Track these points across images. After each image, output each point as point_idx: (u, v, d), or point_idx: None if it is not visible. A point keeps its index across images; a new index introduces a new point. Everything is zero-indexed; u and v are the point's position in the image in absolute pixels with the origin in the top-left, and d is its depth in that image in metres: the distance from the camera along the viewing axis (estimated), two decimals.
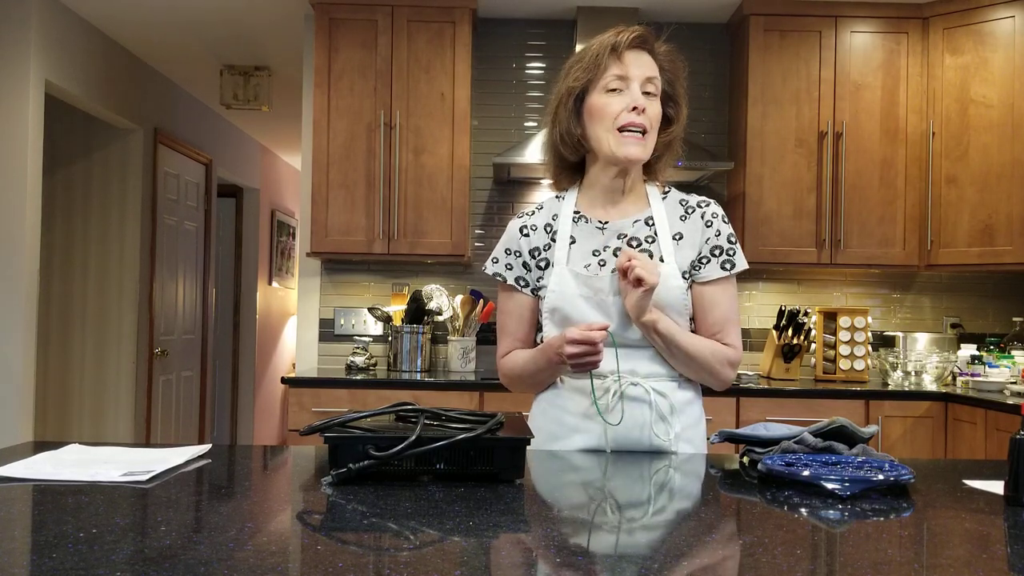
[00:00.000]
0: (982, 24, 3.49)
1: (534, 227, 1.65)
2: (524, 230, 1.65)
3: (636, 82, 1.53)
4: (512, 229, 1.67)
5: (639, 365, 1.56)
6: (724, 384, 1.61)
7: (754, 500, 1.16)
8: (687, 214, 1.61)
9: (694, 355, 1.54)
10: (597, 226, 1.61)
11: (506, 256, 1.66)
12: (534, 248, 1.64)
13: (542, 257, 1.63)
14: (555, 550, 0.89)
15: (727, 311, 1.58)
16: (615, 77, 1.53)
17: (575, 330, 1.45)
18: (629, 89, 1.53)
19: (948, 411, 3.25)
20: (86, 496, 1.06)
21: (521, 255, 1.65)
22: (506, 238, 1.68)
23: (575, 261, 1.59)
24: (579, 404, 1.57)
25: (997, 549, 0.92)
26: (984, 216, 3.46)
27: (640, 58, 1.54)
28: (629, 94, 1.52)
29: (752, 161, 3.60)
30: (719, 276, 1.57)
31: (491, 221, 3.96)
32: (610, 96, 1.54)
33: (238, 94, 4.76)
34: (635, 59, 1.53)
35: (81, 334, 4.53)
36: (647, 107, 1.52)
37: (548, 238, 1.63)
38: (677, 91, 1.61)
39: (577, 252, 1.60)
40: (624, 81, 1.53)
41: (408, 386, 3.29)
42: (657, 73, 1.55)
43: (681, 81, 1.61)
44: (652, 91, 1.54)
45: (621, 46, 1.52)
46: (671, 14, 3.85)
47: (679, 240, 1.59)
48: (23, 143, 3.55)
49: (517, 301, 1.66)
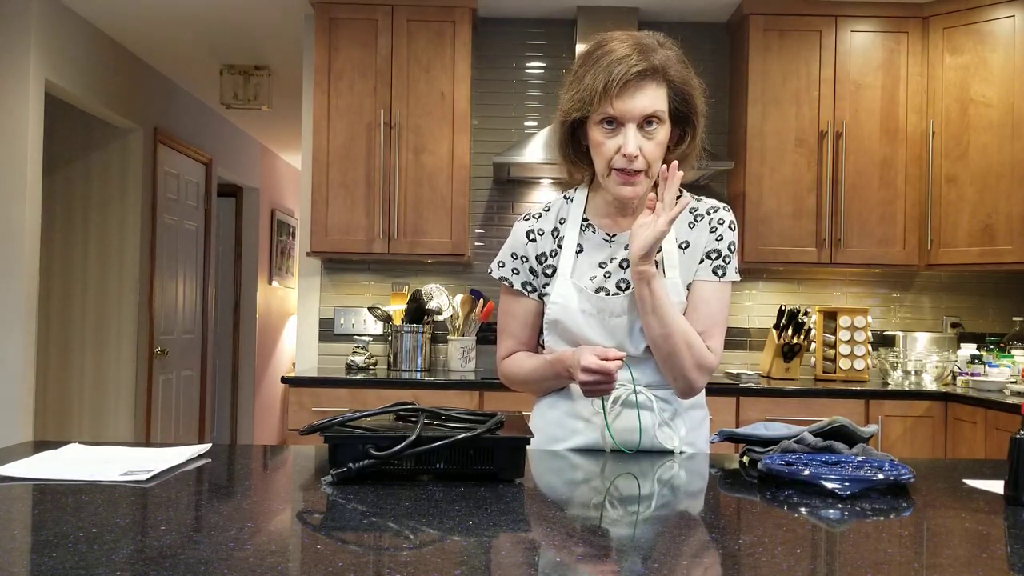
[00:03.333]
0: (982, 24, 3.49)
1: (540, 231, 1.60)
2: (531, 235, 1.61)
3: (631, 123, 1.42)
4: (518, 233, 1.62)
5: (643, 375, 1.55)
6: (691, 389, 1.52)
7: (754, 500, 1.16)
8: (695, 221, 1.56)
9: (669, 332, 1.45)
10: (605, 238, 1.57)
11: (512, 260, 1.63)
12: (540, 254, 1.60)
13: (548, 264, 1.60)
14: (555, 550, 0.89)
15: (714, 313, 1.53)
16: (606, 117, 1.43)
17: (592, 358, 1.40)
18: (624, 131, 1.43)
19: (948, 411, 3.25)
20: (86, 496, 1.06)
21: (528, 260, 1.61)
22: (512, 242, 1.64)
23: (580, 272, 1.56)
24: (582, 408, 1.57)
25: (997, 549, 0.92)
26: (984, 216, 3.46)
27: (640, 96, 1.41)
28: (622, 136, 1.43)
29: (752, 161, 3.60)
30: (707, 279, 1.53)
31: (491, 221, 3.96)
32: (604, 135, 1.45)
33: (238, 94, 4.75)
34: (630, 101, 1.41)
35: (81, 334, 4.53)
36: (643, 146, 1.43)
37: (555, 243, 1.60)
38: (691, 108, 1.49)
39: (584, 263, 1.57)
40: (616, 123, 1.43)
41: (408, 386, 3.29)
42: (661, 103, 1.43)
43: (697, 97, 1.49)
44: (655, 121, 1.43)
45: (612, 88, 1.39)
46: (671, 14, 3.85)
47: (685, 249, 1.55)
48: (23, 143, 3.55)
49: (523, 305, 1.64)
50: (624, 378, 1.52)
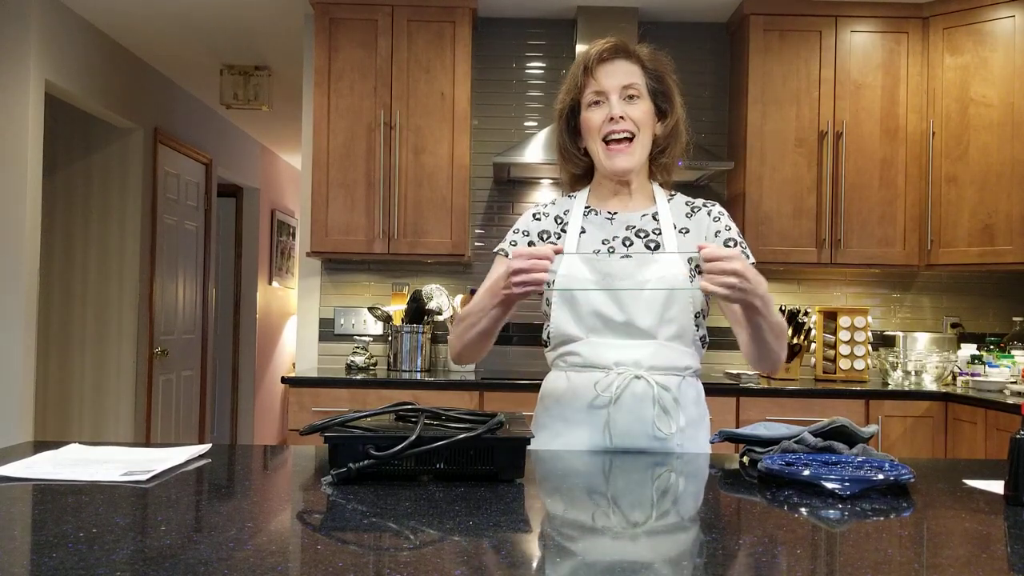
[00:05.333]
0: (982, 24, 3.49)
1: (546, 214, 1.72)
2: (536, 215, 1.72)
3: (613, 93, 1.59)
4: (524, 215, 1.74)
5: (643, 357, 1.56)
6: (780, 363, 1.60)
7: (754, 500, 1.16)
8: (693, 212, 1.68)
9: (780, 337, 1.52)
10: (607, 217, 1.66)
11: (514, 235, 1.71)
12: (543, 231, 1.69)
13: (550, 242, 1.66)
14: (555, 550, 0.89)
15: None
16: (593, 93, 1.61)
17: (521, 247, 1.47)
18: (608, 101, 1.60)
19: (948, 411, 3.25)
20: (86, 496, 1.06)
21: (529, 235, 1.70)
22: (518, 223, 1.73)
23: (584, 248, 1.63)
24: (583, 399, 1.58)
25: (997, 549, 0.92)
26: (984, 216, 3.46)
27: (614, 68, 1.61)
28: (608, 105, 1.59)
29: (752, 161, 3.60)
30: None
31: (491, 221, 3.96)
32: (591, 111, 1.62)
33: (238, 94, 4.76)
34: (608, 71, 1.60)
35: (81, 334, 4.53)
36: (628, 111, 1.58)
37: (558, 228, 1.68)
38: (666, 85, 1.65)
39: (587, 240, 1.64)
40: (602, 95, 1.60)
41: (408, 386, 3.29)
42: (636, 78, 1.61)
43: (669, 75, 1.65)
44: (634, 94, 1.60)
45: (591, 63, 1.61)
46: (671, 14, 3.85)
47: (685, 234, 1.63)
48: (23, 143, 3.55)
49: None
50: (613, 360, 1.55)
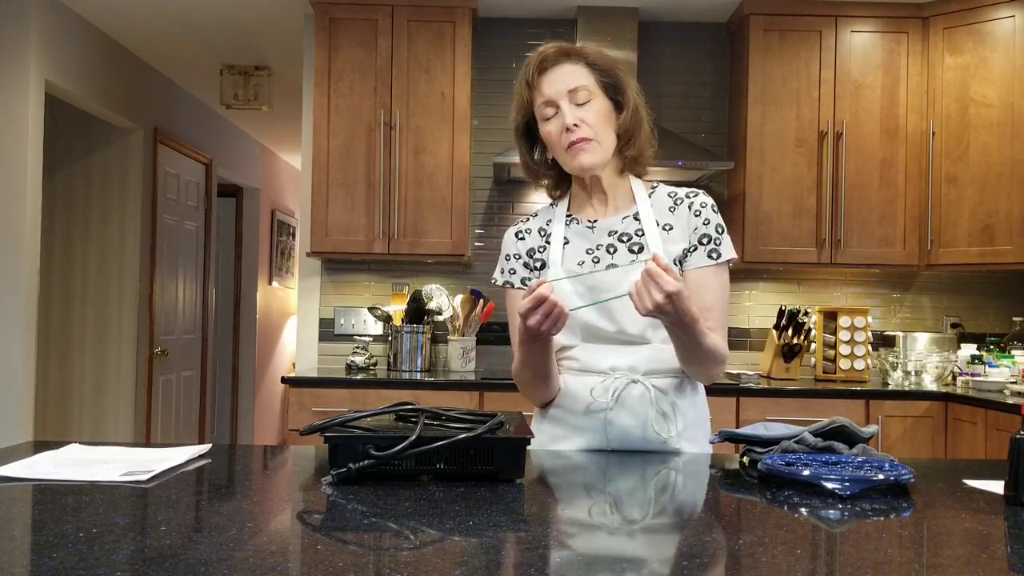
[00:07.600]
0: (982, 24, 3.49)
1: (528, 231, 1.69)
2: (519, 235, 1.69)
3: (562, 100, 1.54)
4: (508, 237, 1.72)
5: (638, 362, 1.56)
6: (710, 381, 1.61)
7: (754, 500, 1.16)
8: (676, 205, 1.62)
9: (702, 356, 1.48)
10: (587, 226, 1.63)
11: (507, 262, 1.69)
12: (530, 249, 1.67)
13: (537, 258, 1.66)
14: (555, 550, 0.89)
15: (715, 299, 1.56)
16: (543, 105, 1.56)
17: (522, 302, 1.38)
18: (560, 110, 1.54)
19: (948, 411, 3.25)
20: (86, 496, 1.06)
21: (520, 257, 1.68)
22: (504, 249, 1.71)
23: (569, 261, 1.62)
24: (581, 402, 1.57)
25: (997, 549, 0.92)
26: (984, 216, 3.46)
27: (556, 74, 1.55)
28: (561, 115, 1.54)
29: (752, 161, 3.60)
30: (704, 265, 1.57)
31: (491, 221, 3.96)
32: (548, 124, 1.57)
33: (238, 94, 4.76)
34: (550, 80, 1.55)
35: (81, 334, 4.53)
36: (581, 116, 1.53)
37: (543, 240, 1.67)
38: (615, 77, 1.59)
39: (571, 252, 1.63)
40: (551, 104, 1.55)
41: (408, 386, 3.29)
42: (582, 78, 1.55)
43: (616, 69, 1.59)
44: (585, 97, 1.54)
45: (532, 77, 1.56)
46: (671, 14, 3.85)
47: (669, 231, 1.59)
48: (23, 143, 3.55)
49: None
50: (609, 365, 1.55)
